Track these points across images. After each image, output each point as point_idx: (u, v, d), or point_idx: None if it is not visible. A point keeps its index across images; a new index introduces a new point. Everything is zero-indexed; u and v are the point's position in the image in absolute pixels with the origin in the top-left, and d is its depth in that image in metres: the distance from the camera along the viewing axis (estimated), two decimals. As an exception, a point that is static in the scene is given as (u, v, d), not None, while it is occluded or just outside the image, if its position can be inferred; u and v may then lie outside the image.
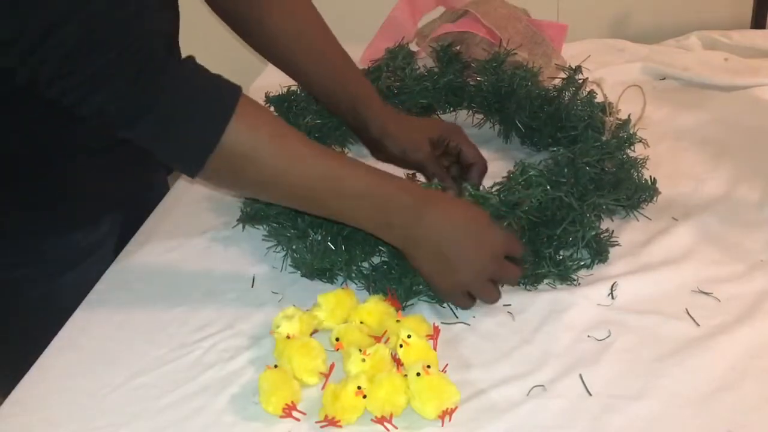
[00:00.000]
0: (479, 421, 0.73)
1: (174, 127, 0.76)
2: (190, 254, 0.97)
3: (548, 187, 0.88)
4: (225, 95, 0.78)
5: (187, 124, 0.76)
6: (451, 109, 1.21)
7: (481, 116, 1.19)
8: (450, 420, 0.72)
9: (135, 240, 1.00)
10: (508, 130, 1.16)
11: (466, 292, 0.84)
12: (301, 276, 0.92)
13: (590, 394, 0.75)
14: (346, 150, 1.15)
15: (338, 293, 0.85)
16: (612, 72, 1.32)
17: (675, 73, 1.33)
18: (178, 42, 0.88)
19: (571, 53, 1.32)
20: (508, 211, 0.86)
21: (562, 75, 1.10)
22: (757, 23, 1.66)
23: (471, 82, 1.17)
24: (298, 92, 1.13)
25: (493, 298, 0.85)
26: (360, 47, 1.35)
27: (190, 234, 1.00)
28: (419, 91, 1.17)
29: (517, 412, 0.73)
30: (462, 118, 1.22)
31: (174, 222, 1.04)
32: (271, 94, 1.14)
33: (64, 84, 0.73)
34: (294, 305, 0.83)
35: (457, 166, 1.06)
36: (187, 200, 1.07)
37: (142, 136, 0.76)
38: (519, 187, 0.87)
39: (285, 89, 1.14)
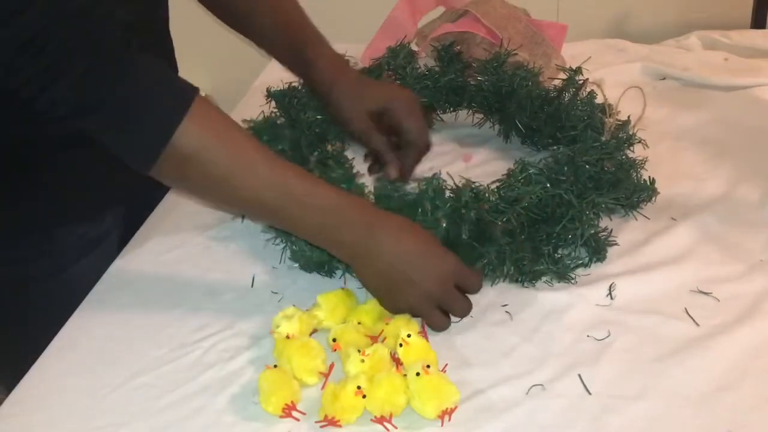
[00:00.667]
0: (479, 420, 0.73)
1: (127, 122, 0.75)
2: (190, 254, 0.97)
3: (548, 185, 0.88)
4: (180, 94, 0.78)
5: (140, 119, 0.75)
6: (452, 108, 1.21)
7: (481, 116, 1.19)
8: (450, 420, 0.72)
9: (135, 239, 1.01)
10: (508, 130, 1.16)
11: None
12: (300, 269, 0.92)
13: (590, 394, 0.75)
14: (346, 146, 1.14)
15: (338, 293, 0.85)
16: (612, 72, 1.32)
17: (675, 73, 1.33)
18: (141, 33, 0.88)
19: (571, 53, 1.32)
20: (508, 207, 0.86)
21: (562, 75, 1.10)
22: (757, 23, 1.66)
23: (472, 82, 1.17)
24: (299, 88, 1.13)
25: (439, 325, 0.82)
26: (360, 47, 1.35)
27: (191, 233, 1.00)
28: (420, 90, 1.17)
29: (516, 411, 0.73)
30: (462, 117, 1.22)
31: (174, 221, 1.04)
32: (273, 89, 1.14)
33: (19, 77, 0.72)
34: (294, 305, 0.83)
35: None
36: (188, 199, 1.07)
37: (95, 129, 0.76)
38: (519, 184, 0.88)
39: (286, 85, 1.14)
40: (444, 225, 0.86)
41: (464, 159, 1.14)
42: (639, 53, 1.42)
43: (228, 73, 1.09)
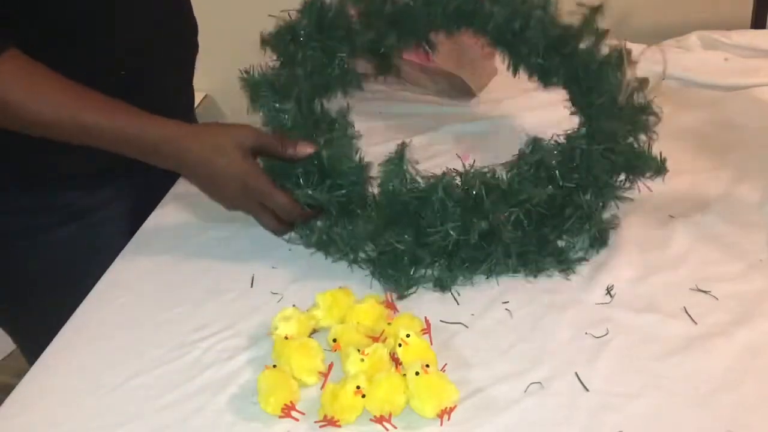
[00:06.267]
0: (478, 419, 0.73)
1: None
2: (191, 253, 0.97)
3: (560, 183, 0.88)
4: None
5: None
6: (458, 28, 1.10)
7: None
8: (449, 419, 0.72)
9: (135, 239, 1.01)
10: (518, 64, 1.08)
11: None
12: (299, 243, 0.95)
13: (588, 392, 0.75)
14: (350, 107, 1.08)
15: (335, 292, 0.85)
16: (612, 72, 1.32)
17: (675, 73, 1.33)
18: None
19: (570, 53, 1.31)
20: (516, 207, 0.86)
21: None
22: (757, 23, 1.66)
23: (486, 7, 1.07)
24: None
25: (268, 225, 0.92)
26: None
27: (191, 233, 1.01)
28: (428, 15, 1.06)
29: (515, 409, 0.73)
30: (459, 115, 1.22)
31: (174, 220, 1.04)
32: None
33: None
34: (294, 305, 0.84)
35: None
36: (188, 199, 1.07)
37: None
38: (530, 174, 0.87)
39: None
40: (453, 235, 0.85)
41: (463, 158, 1.14)
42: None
43: (227, 74, 1.08)
